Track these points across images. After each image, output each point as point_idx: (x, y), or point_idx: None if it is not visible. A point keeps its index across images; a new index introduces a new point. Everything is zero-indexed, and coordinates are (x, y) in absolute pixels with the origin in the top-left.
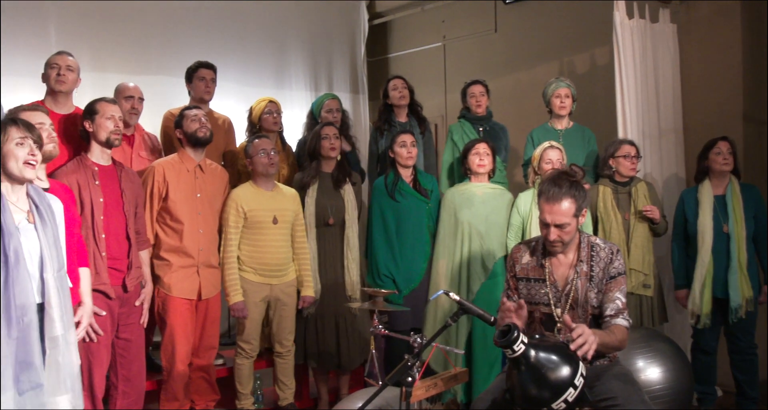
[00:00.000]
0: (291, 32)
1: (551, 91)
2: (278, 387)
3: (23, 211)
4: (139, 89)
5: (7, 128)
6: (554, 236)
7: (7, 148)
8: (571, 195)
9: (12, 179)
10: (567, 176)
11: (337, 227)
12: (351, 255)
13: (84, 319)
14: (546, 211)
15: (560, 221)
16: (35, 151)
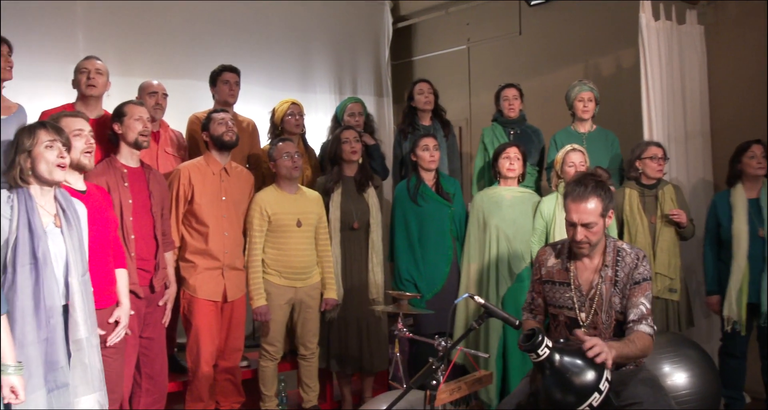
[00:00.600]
0: (315, 36)
1: (574, 94)
2: (302, 389)
3: (50, 215)
4: (163, 86)
5: (36, 132)
6: (581, 236)
7: (37, 151)
8: (597, 194)
9: (42, 181)
10: (592, 177)
11: (362, 231)
12: (376, 258)
13: (122, 319)
14: (573, 210)
15: (587, 219)
16: (64, 153)
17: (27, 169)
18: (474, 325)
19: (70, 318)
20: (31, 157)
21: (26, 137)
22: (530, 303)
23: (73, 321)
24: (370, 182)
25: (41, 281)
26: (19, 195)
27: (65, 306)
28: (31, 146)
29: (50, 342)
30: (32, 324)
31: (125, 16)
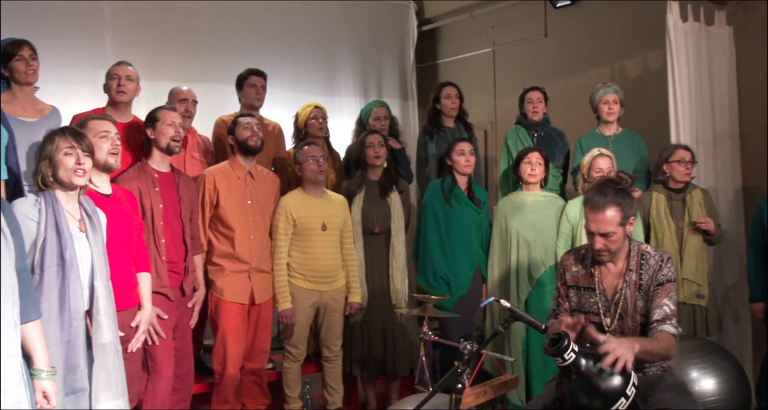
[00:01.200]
0: (340, 39)
1: (599, 97)
2: (327, 391)
3: (76, 219)
4: (193, 92)
5: (55, 139)
6: (599, 245)
7: (57, 158)
8: (615, 203)
9: (63, 186)
10: (613, 184)
11: (384, 236)
12: (396, 264)
13: (143, 323)
14: (590, 220)
15: (605, 229)
16: (82, 160)
17: (48, 175)
18: (500, 329)
19: (95, 322)
20: (52, 164)
21: (47, 143)
22: (555, 309)
23: (98, 325)
24: (395, 186)
25: (67, 284)
26: (46, 198)
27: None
28: (51, 153)
29: (71, 345)
30: (56, 326)
31: (152, 21)
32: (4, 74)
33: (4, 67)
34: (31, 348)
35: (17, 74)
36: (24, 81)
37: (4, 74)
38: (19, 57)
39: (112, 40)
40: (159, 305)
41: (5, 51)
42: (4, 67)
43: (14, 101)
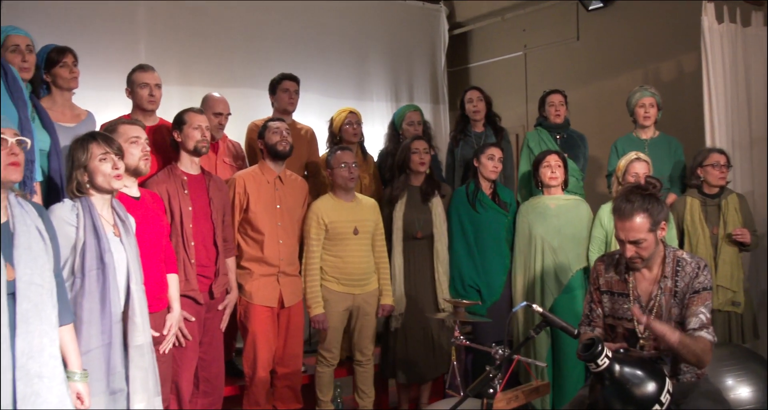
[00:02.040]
0: (372, 44)
1: (635, 100)
2: (358, 395)
3: (110, 224)
4: (228, 105)
5: (88, 146)
6: (631, 253)
7: (93, 165)
8: (643, 210)
9: (102, 191)
10: (640, 190)
11: (425, 241)
12: (441, 269)
13: (173, 326)
14: (619, 228)
15: (634, 237)
16: (118, 164)
17: (84, 182)
18: (532, 334)
19: (131, 324)
20: (88, 171)
21: (80, 151)
22: (588, 315)
23: (134, 327)
24: (437, 191)
25: (107, 287)
26: (82, 203)
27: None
28: (86, 161)
29: (111, 347)
30: (98, 329)
31: (185, 27)
32: (45, 79)
33: (46, 73)
34: (65, 351)
35: (60, 80)
36: (66, 87)
37: (46, 79)
38: (63, 63)
39: (146, 46)
40: (186, 308)
41: (49, 57)
42: (46, 73)
43: (54, 107)
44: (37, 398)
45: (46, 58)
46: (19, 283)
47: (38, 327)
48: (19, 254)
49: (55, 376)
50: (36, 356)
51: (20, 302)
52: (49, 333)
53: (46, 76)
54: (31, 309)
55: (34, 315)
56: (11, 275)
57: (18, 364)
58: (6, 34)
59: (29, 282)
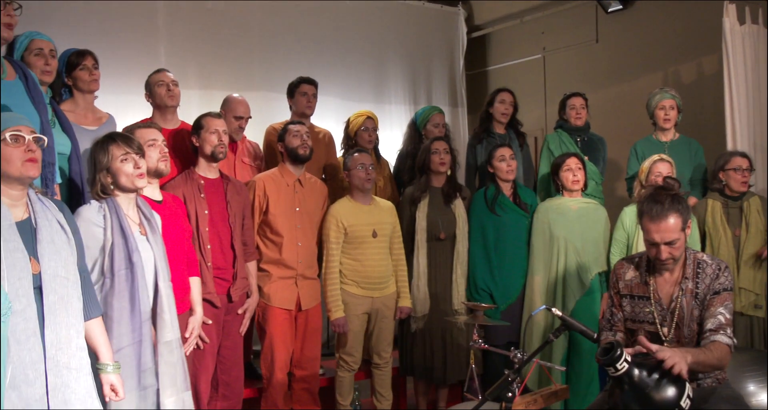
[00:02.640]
0: (390, 47)
1: (655, 102)
2: (376, 398)
3: (135, 224)
4: (248, 108)
5: (109, 148)
6: (666, 255)
7: (115, 166)
8: (675, 210)
9: (126, 190)
10: (665, 191)
11: (448, 242)
12: (460, 270)
13: (196, 329)
14: (653, 231)
15: (670, 238)
16: (140, 163)
17: (108, 184)
18: (551, 337)
19: (160, 321)
20: (111, 173)
21: (101, 154)
22: (609, 319)
23: (163, 324)
24: (458, 193)
25: (136, 286)
26: (108, 204)
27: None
28: (107, 163)
29: (142, 344)
30: (128, 328)
31: (205, 31)
32: (66, 83)
33: (67, 76)
34: (95, 344)
35: (81, 83)
36: (87, 89)
37: (67, 83)
38: (83, 66)
39: (166, 50)
40: (204, 311)
41: (69, 60)
42: (67, 76)
43: (76, 110)
44: (66, 388)
45: (67, 61)
46: (44, 276)
47: (65, 318)
48: (43, 247)
49: (82, 367)
50: (64, 347)
51: (47, 294)
52: (75, 325)
53: (67, 79)
54: (58, 301)
55: (60, 307)
56: (36, 269)
57: (48, 355)
58: (30, 38)
59: (54, 275)
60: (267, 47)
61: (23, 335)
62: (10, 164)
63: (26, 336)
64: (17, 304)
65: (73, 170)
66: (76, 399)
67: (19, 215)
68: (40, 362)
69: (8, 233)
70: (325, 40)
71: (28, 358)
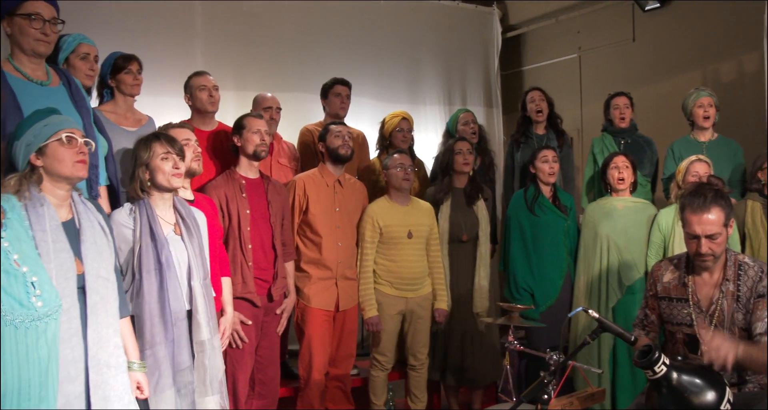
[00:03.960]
0: (424, 47)
1: (692, 101)
2: (410, 399)
3: (170, 224)
4: (277, 99)
5: (151, 145)
6: (705, 249)
7: (155, 163)
8: (717, 204)
9: (161, 189)
10: (709, 186)
11: (470, 243)
12: (483, 272)
13: (227, 328)
14: (694, 222)
15: (710, 230)
16: (179, 164)
17: (146, 180)
18: (587, 339)
19: (193, 321)
20: (149, 169)
21: (143, 150)
22: (642, 320)
23: (196, 323)
24: (480, 194)
25: (165, 286)
26: (140, 207)
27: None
28: (148, 159)
29: (176, 343)
30: (160, 326)
31: (241, 33)
32: (109, 85)
33: (111, 79)
34: (124, 342)
35: (124, 86)
36: (129, 93)
37: (110, 85)
38: (128, 70)
39: (203, 52)
40: (243, 311)
41: (115, 63)
42: (111, 79)
43: (117, 111)
44: (106, 386)
45: (113, 64)
46: (88, 276)
47: (105, 318)
48: (86, 248)
49: (120, 365)
50: (104, 346)
51: (90, 295)
52: (113, 325)
53: (111, 81)
54: (99, 301)
55: (101, 307)
56: (80, 269)
57: (90, 354)
58: (78, 41)
59: (96, 276)
60: (301, 48)
61: (66, 334)
62: (62, 163)
63: (69, 335)
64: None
65: (110, 170)
66: (114, 396)
67: (64, 215)
68: (81, 360)
69: (56, 234)
70: (359, 41)
71: (71, 356)
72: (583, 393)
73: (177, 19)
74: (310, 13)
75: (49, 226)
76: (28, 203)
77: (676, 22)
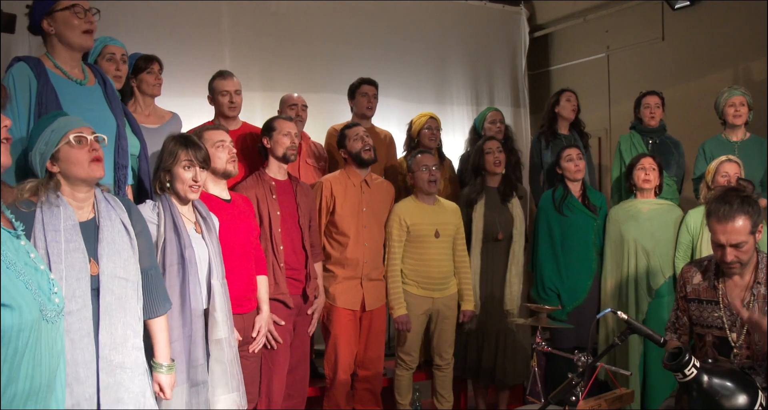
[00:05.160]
0: (452, 47)
1: (724, 100)
2: (436, 399)
3: (191, 222)
4: (302, 98)
5: (177, 151)
6: (731, 257)
7: (176, 170)
8: (744, 211)
9: (178, 197)
10: (736, 192)
11: (504, 242)
12: (515, 270)
13: (262, 327)
14: (719, 231)
15: (736, 240)
16: (199, 176)
17: (165, 182)
18: (617, 341)
19: (211, 319)
20: (171, 175)
21: (168, 154)
22: (674, 322)
23: (214, 321)
24: (515, 192)
25: (187, 282)
26: (163, 202)
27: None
28: (171, 165)
29: (192, 340)
30: (178, 322)
31: (268, 34)
32: (131, 85)
33: (132, 78)
34: (155, 341)
35: (145, 86)
36: (150, 93)
37: (131, 85)
38: (150, 70)
39: (231, 54)
40: (277, 312)
41: (137, 64)
42: (132, 78)
43: (137, 111)
44: (119, 387)
45: (134, 64)
46: (102, 277)
47: (121, 319)
48: (103, 248)
49: (138, 367)
50: (119, 347)
51: (103, 295)
52: (132, 325)
53: (132, 81)
54: (114, 301)
55: (117, 308)
56: (95, 271)
57: (101, 355)
58: (104, 44)
59: (112, 276)
60: (328, 49)
61: (77, 335)
62: (77, 165)
63: (80, 335)
64: (73, 304)
65: (142, 169)
66: (129, 398)
67: (85, 215)
68: (92, 361)
69: (70, 234)
70: (386, 41)
71: (81, 357)
72: (612, 394)
73: (204, 21)
74: (336, 13)
75: (63, 226)
76: (44, 205)
77: (706, 21)
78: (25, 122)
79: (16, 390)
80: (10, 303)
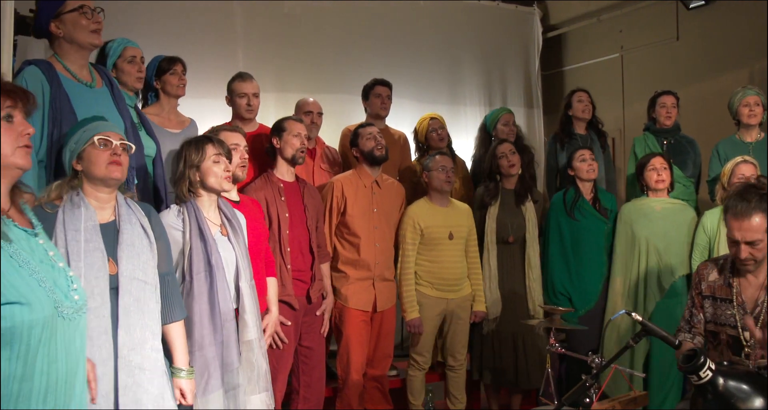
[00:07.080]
0: (464, 48)
1: (738, 100)
2: (449, 400)
3: (216, 225)
4: (318, 104)
5: (204, 147)
6: (745, 255)
7: (206, 165)
8: (761, 209)
9: (211, 191)
10: (755, 190)
11: (517, 245)
12: (533, 275)
13: (270, 327)
14: (735, 228)
15: (751, 237)
16: (229, 166)
17: (196, 182)
18: (630, 343)
19: (241, 320)
20: (200, 171)
21: (194, 151)
22: (689, 320)
23: (244, 323)
24: (530, 194)
25: (215, 287)
26: (188, 208)
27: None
28: (199, 162)
29: (225, 345)
30: (209, 328)
31: (281, 35)
32: (154, 87)
33: (156, 80)
34: (172, 347)
35: (169, 87)
36: (174, 94)
37: (155, 87)
38: (173, 71)
39: (244, 55)
40: (282, 313)
41: (160, 65)
42: (156, 80)
43: (161, 113)
44: (138, 388)
45: (158, 66)
46: (120, 278)
47: (140, 320)
48: (122, 250)
49: (157, 368)
50: (138, 348)
51: (122, 295)
52: (151, 327)
53: (156, 83)
54: (132, 303)
55: (135, 309)
56: (114, 270)
57: (120, 355)
58: (124, 46)
59: (131, 277)
60: (342, 50)
61: (95, 332)
62: (95, 165)
63: (98, 333)
64: (92, 302)
65: (157, 172)
66: (148, 399)
67: (106, 217)
68: (109, 360)
69: (90, 234)
70: (399, 42)
71: (98, 355)
72: (625, 396)
73: (217, 22)
74: (349, 14)
75: (84, 226)
76: (67, 205)
77: (721, 20)
78: (38, 126)
79: (32, 387)
80: (20, 300)
